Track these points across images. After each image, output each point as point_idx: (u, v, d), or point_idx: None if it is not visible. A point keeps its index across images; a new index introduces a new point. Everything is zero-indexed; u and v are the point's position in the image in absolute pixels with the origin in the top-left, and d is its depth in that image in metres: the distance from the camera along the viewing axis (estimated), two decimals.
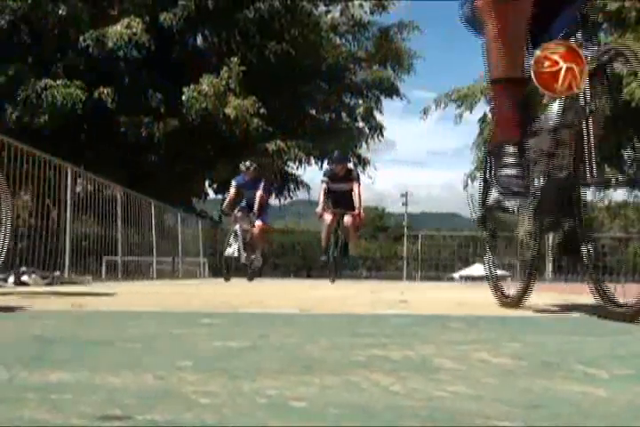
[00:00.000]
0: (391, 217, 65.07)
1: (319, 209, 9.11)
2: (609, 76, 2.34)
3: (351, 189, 8.95)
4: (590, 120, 2.28)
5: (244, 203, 9.82)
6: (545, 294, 5.48)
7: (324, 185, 9.04)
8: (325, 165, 9.59)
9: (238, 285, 7.76)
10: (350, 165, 9.61)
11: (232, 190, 9.87)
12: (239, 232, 9.49)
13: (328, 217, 8.92)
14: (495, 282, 3.12)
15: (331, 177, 9.01)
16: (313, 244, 23.00)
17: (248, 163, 9.79)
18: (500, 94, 2.47)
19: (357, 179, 9.05)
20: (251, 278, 9.74)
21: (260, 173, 9.92)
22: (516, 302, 2.86)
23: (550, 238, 19.21)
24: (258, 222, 9.53)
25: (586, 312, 2.99)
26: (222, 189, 17.78)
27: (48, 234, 8.49)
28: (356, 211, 8.87)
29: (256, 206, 9.48)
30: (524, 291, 2.82)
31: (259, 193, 9.51)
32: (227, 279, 9.48)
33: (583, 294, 5.28)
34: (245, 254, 9.56)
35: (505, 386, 1.06)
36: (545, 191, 2.53)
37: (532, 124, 2.55)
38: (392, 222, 62.17)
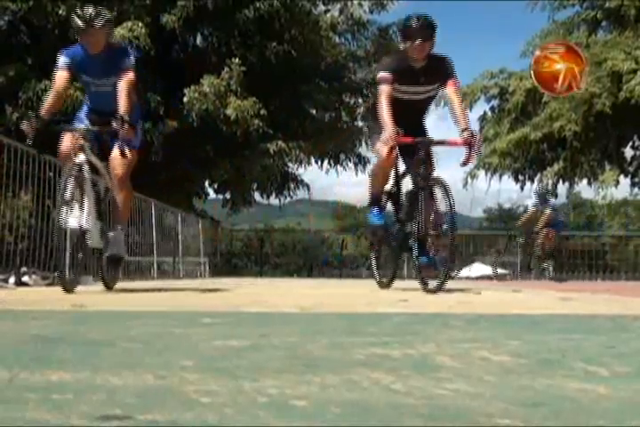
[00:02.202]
0: None
1: (387, 135, 4.28)
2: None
3: (432, 97, 4.75)
4: None
5: (85, 109, 4.59)
6: (545, 292, 5.48)
7: (386, 87, 4.44)
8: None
9: (231, 285, 7.71)
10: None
11: (60, 76, 4.49)
12: (86, 177, 4.21)
13: (385, 149, 4.40)
14: None
15: (400, 71, 4.47)
16: (314, 242, 22.94)
17: (92, 10, 4.28)
18: None
19: (453, 74, 4.60)
20: (111, 281, 4.71)
21: (111, 34, 4.45)
22: None
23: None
24: (116, 150, 4.32)
25: (586, 310, 2.99)
26: (222, 189, 17.78)
27: (48, 234, 8.48)
28: (465, 133, 4.34)
29: (121, 106, 4.09)
30: None
31: (126, 79, 4.22)
32: (67, 289, 4.01)
33: (582, 292, 5.28)
34: (99, 227, 4.34)
35: (505, 384, 1.06)
36: None
37: None
38: None
